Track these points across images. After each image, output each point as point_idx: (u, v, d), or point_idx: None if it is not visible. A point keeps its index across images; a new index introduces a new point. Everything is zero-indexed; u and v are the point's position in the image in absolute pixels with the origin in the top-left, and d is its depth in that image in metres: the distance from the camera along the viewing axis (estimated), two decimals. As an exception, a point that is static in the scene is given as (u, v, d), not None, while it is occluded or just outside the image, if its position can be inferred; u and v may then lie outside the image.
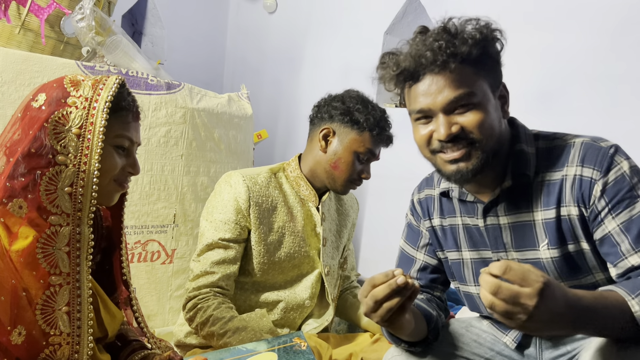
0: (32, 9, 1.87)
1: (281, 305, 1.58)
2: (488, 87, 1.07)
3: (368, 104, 1.58)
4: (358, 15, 3.04)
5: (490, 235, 1.18)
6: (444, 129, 1.05)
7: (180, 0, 3.39)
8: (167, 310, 2.16)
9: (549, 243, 1.10)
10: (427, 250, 1.33)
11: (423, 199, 1.34)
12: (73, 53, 2.07)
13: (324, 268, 1.61)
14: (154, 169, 2.07)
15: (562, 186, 1.09)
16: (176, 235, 2.17)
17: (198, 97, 2.21)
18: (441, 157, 1.10)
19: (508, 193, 1.14)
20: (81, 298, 1.03)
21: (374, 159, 1.61)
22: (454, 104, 1.04)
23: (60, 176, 1.00)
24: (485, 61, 1.06)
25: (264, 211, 1.54)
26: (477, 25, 1.06)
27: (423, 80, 1.06)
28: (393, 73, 1.09)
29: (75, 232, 1.02)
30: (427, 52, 1.03)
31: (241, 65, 3.70)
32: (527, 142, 1.14)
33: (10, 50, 1.76)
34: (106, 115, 1.03)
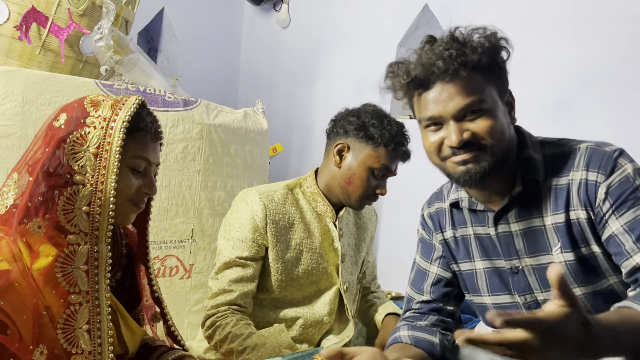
0: (52, 30, 1.90)
1: (300, 321, 1.58)
2: (496, 94, 1.09)
3: (384, 119, 1.56)
4: (371, 28, 3.05)
5: (502, 243, 1.18)
6: (455, 135, 1.06)
7: (194, 16, 3.44)
8: (185, 325, 2.17)
9: (562, 247, 1.11)
10: (441, 263, 1.33)
11: (434, 212, 1.34)
12: (92, 72, 2.10)
13: (342, 284, 1.61)
14: (171, 185, 2.09)
15: (569, 190, 1.10)
16: (194, 250, 2.18)
17: (214, 112, 2.23)
18: (451, 160, 1.11)
19: (518, 200, 1.14)
20: (101, 316, 1.03)
21: (389, 174, 1.60)
22: (464, 111, 1.06)
23: (78, 196, 1.01)
24: (493, 68, 1.08)
25: (281, 228, 1.54)
26: (484, 34, 1.08)
27: (433, 88, 1.07)
28: (403, 82, 1.10)
29: (93, 251, 1.02)
30: (439, 61, 1.04)
31: (255, 80, 3.73)
32: (534, 148, 1.16)
33: (31, 70, 1.80)
34: (123, 135, 1.03)
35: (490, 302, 1.24)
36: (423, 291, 1.34)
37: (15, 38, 1.86)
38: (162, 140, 1.18)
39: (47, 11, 1.88)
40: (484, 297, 1.25)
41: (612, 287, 1.11)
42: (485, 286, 1.24)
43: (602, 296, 1.11)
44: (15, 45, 1.88)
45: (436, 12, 2.74)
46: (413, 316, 1.33)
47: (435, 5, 2.74)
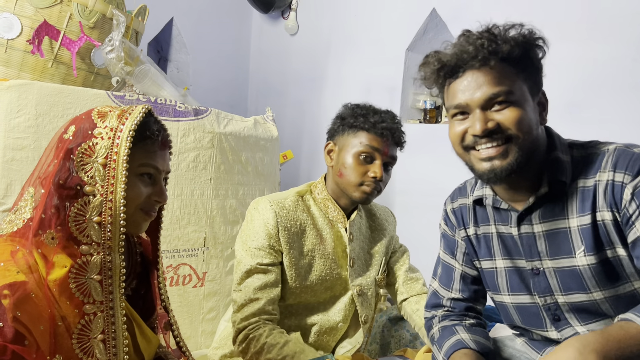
0: (64, 43, 1.93)
1: (315, 328, 1.58)
2: (527, 90, 1.08)
3: (358, 108, 1.57)
4: (379, 33, 3.06)
5: (524, 243, 1.16)
6: (479, 124, 1.06)
7: (203, 25, 3.46)
8: (199, 333, 2.17)
9: (585, 249, 1.09)
10: (465, 260, 1.32)
11: (457, 208, 1.32)
12: (103, 83, 2.13)
13: (353, 289, 1.60)
14: (183, 194, 2.11)
15: (595, 192, 1.08)
16: (207, 258, 2.19)
17: (225, 121, 2.25)
18: (475, 154, 1.10)
19: (543, 200, 1.13)
20: (116, 325, 1.04)
21: (380, 155, 1.53)
22: (491, 100, 1.06)
23: (89, 206, 1.01)
24: (525, 64, 1.08)
25: (293, 235, 1.54)
26: (520, 30, 1.08)
27: (463, 77, 1.08)
28: (434, 67, 1.11)
29: (106, 261, 1.03)
30: (470, 47, 1.05)
31: (265, 87, 3.75)
32: (562, 150, 1.14)
33: (44, 83, 1.82)
34: (129, 143, 1.03)
35: (509, 301, 1.23)
36: (452, 288, 1.33)
37: (28, 52, 1.89)
38: (171, 148, 1.18)
39: (59, 24, 1.91)
40: (503, 295, 1.24)
41: (636, 292, 1.09)
42: (506, 285, 1.23)
43: (624, 300, 1.09)
44: (28, 59, 1.91)
45: (444, 16, 2.74)
46: (450, 315, 1.33)
47: (444, 9, 2.74)
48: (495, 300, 1.29)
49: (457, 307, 1.33)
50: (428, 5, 2.81)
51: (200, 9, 3.43)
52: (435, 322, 1.34)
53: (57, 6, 1.89)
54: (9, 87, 1.74)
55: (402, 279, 1.74)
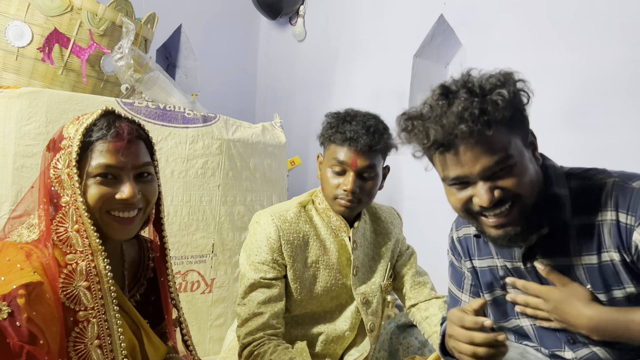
0: (74, 51, 1.95)
1: (322, 337, 1.57)
2: (521, 142, 1.04)
3: (333, 117, 1.54)
4: (387, 39, 3.06)
5: (533, 277, 1.15)
6: (487, 196, 1.01)
7: (212, 32, 3.48)
8: (207, 339, 2.18)
9: (591, 288, 1.07)
10: (472, 292, 1.30)
11: (462, 237, 1.30)
12: (112, 90, 2.14)
13: (357, 297, 1.58)
14: (192, 200, 2.11)
15: (600, 231, 1.06)
16: (215, 265, 2.19)
17: (233, 128, 2.25)
18: (484, 221, 1.06)
19: (546, 238, 1.11)
20: (111, 330, 1.04)
21: (349, 167, 1.47)
22: (492, 169, 1.00)
23: (67, 217, 1.04)
24: (515, 117, 1.02)
25: (296, 248, 1.52)
26: (501, 81, 1.00)
27: (456, 149, 1.01)
28: (424, 145, 1.03)
29: (91, 267, 1.04)
30: (462, 125, 0.97)
31: (273, 93, 3.76)
32: (558, 184, 1.11)
33: (54, 90, 1.84)
34: (77, 149, 1.03)
35: (528, 323, 1.22)
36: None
37: (38, 59, 1.91)
38: (130, 139, 1.09)
39: (69, 32, 1.92)
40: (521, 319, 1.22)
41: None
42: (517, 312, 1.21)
43: None
44: (39, 67, 1.93)
45: (452, 22, 2.74)
46: None
47: (451, 15, 2.74)
48: (506, 327, 1.26)
49: None
50: (435, 12, 2.81)
51: (209, 16, 3.45)
52: None
53: (67, 14, 1.91)
54: (20, 95, 1.75)
55: (409, 284, 1.72)
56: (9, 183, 1.74)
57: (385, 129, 1.51)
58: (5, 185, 1.74)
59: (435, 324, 1.64)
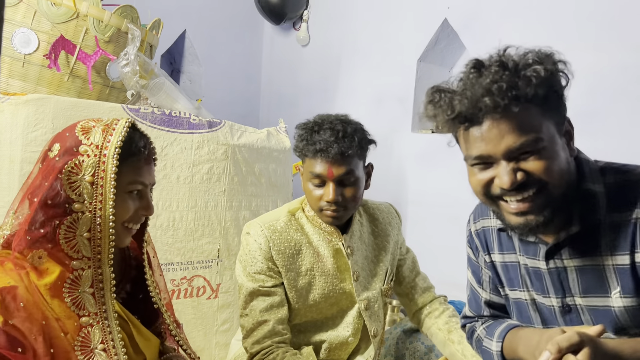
0: (80, 57, 1.96)
1: (325, 345, 1.56)
2: (554, 127, 0.97)
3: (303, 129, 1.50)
4: (390, 43, 3.07)
5: (554, 279, 1.08)
6: (508, 177, 0.95)
7: (216, 37, 3.49)
8: (213, 345, 2.17)
9: (621, 291, 1.01)
10: (492, 288, 1.26)
11: (480, 230, 1.24)
12: (118, 96, 2.15)
13: (360, 303, 1.56)
14: (197, 206, 2.12)
15: (635, 230, 0.99)
16: (221, 270, 2.19)
17: (238, 133, 2.26)
18: (504, 206, 1.00)
19: (575, 236, 1.04)
20: (112, 334, 1.07)
21: (327, 178, 1.44)
22: (518, 150, 0.94)
23: (78, 223, 1.04)
24: (550, 99, 0.96)
25: (288, 257, 1.51)
26: (538, 58, 0.95)
27: (482, 124, 0.95)
28: (447, 117, 0.98)
29: (97, 274, 1.06)
30: (487, 98, 0.92)
31: (277, 98, 3.77)
32: (593, 179, 1.04)
33: (60, 97, 1.84)
34: (116, 162, 1.05)
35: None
36: (482, 315, 1.31)
37: (44, 66, 1.92)
38: (156, 159, 1.20)
39: (75, 39, 1.93)
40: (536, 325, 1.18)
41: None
42: (539, 318, 1.16)
43: None
44: (45, 73, 1.93)
45: (456, 26, 2.74)
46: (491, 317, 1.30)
47: (455, 19, 2.75)
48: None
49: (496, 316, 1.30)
50: (439, 16, 2.81)
51: (213, 21, 3.46)
52: (477, 327, 1.29)
53: (73, 21, 1.92)
54: (26, 102, 1.76)
55: (412, 289, 1.71)
56: (17, 190, 1.73)
57: (356, 130, 1.46)
58: (13, 192, 1.74)
59: (436, 316, 1.65)
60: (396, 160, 3.03)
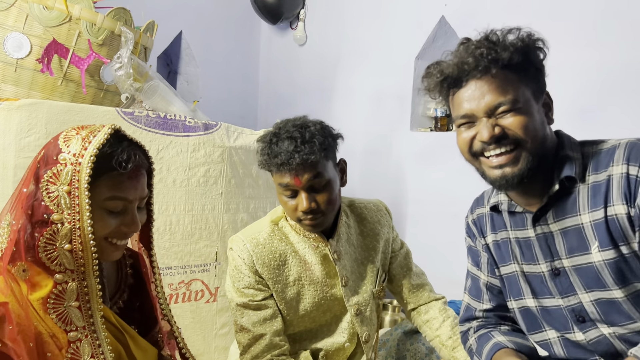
0: (73, 61, 1.94)
1: (321, 353, 1.53)
2: (531, 94, 1.09)
3: (263, 142, 1.45)
4: (388, 41, 3.05)
5: (542, 244, 1.16)
6: (486, 130, 1.07)
7: (212, 38, 3.47)
8: (212, 349, 2.16)
9: (599, 245, 1.07)
10: (490, 270, 1.32)
11: (476, 218, 1.34)
12: (113, 100, 2.13)
13: (350, 309, 1.53)
14: (194, 209, 2.10)
15: (608, 185, 1.07)
16: (219, 273, 2.18)
17: (235, 135, 2.24)
18: (485, 162, 1.12)
19: (556, 199, 1.13)
20: (102, 347, 1.03)
21: (297, 188, 1.40)
22: (496, 108, 1.07)
23: (58, 234, 0.99)
24: (527, 68, 1.09)
25: (273, 269, 1.48)
26: (519, 34, 1.09)
27: (466, 86, 1.10)
28: (437, 80, 1.13)
29: (83, 286, 1.01)
30: (469, 58, 1.07)
31: (274, 98, 3.75)
32: (571, 148, 1.14)
33: (54, 102, 1.82)
34: (89, 171, 0.99)
35: (533, 304, 1.22)
36: (482, 299, 1.34)
37: (37, 70, 1.90)
38: (151, 169, 1.12)
39: (68, 43, 1.91)
40: (527, 299, 1.23)
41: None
42: (529, 288, 1.22)
43: None
44: (38, 78, 1.92)
45: (453, 23, 2.73)
46: (485, 325, 1.33)
47: (452, 17, 2.73)
48: (516, 308, 1.26)
49: (491, 317, 1.34)
50: (437, 13, 2.79)
51: (209, 22, 3.44)
52: (470, 334, 1.34)
53: (65, 24, 1.90)
54: (19, 107, 1.74)
55: (407, 287, 1.66)
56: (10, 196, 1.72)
57: (315, 133, 1.39)
58: (6, 199, 1.71)
59: (437, 327, 1.60)
60: (395, 159, 3.01)
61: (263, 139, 1.44)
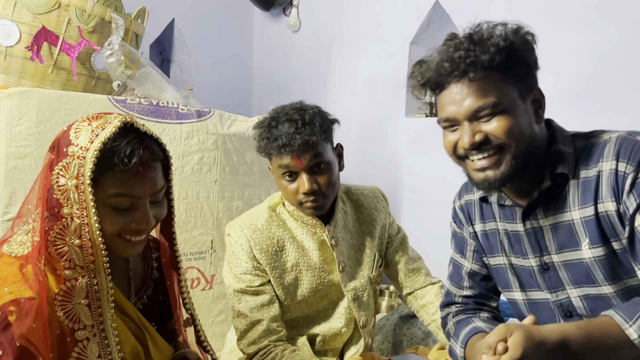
0: (63, 48, 1.91)
1: (319, 337, 1.54)
2: (517, 94, 1.05)
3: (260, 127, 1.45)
4: (382, 27, 3.02)
5: (531, 239, 1.15)
6: (467, 137, 1.05)
7: (205, 25, 3.44)
8: (209, 336, 2.16)
9: (590, 242, 1.06)
10: (475, 258, 1.31)
11: (464, 204, 1.32)
12: (104, 88, 2.11)
13: (347, 294, 1.53)
14: (189, 197, 2.09)
15: (598, 182, 1.06)
16: (214, 261, 2.17)
17: (228, 122, 2.22)
18: (469, 164, 1.10)
19: (547, 194, 1.11)
20: (110, 347, 1.00)
21: (297, 169, 1.41)
22: (477, 112, 1.04)
23: (69, 229, 0.96)
24: (513, 67, 1.04)
25: (271, 255, 1.47)
26: (504, 31, 1.04)
27: (448, 89, 1.07)
28: (418, 83, 1.11)
29: (93, 284, 0.98)
30: (446, 63, 1.04)
31: (268, 85, 3.72)
32: (563, 142, 1.12)
33: (44, 90, 1.81)
34: (92, 166, 0.95)
35: (520, 298, 1.21)
36: (462, 286, 1.33)
37: (27, 58, 1.88)
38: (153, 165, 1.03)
39: (58, 30, 1.89)
40: (514, 292, 1.23)
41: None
42: (516, 282, 1.21)
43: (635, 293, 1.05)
44: (28, 66, 1.89)
45: (448, 8, 2.70)
46: (464, 310, 1.32)
47: (447, 1, 2.70)
48: (506, 297, 1.27)
49: (470, 304, 1.33)
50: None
51: (201, 9, 3.41)
52: (449, 318, 1.32)
53: (55, 11, 1.87)
54: (9, 95, 1.72)
55: (403, 272, 1.66)
56: (2, 185, 1.71)
57: (314, 114, 1.41)
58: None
59: (434, 312, 1.59)
60: (390, 145, 3.00)
61: (261, 124, 1.44)
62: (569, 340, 0.90)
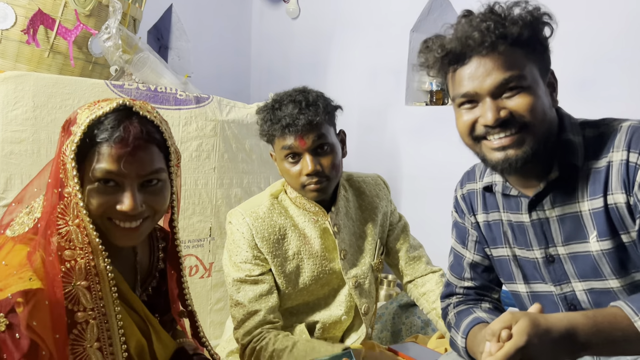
0: (60, 32, 1.88)
1: (318, 325, 1.53)
2: (537, 72, 1.02)
3: (263, 111, 1.45)
4: (382, 14, 3.00)
5: (537, 230, 1.11)
6: (491, 113, 0.99)
7: (203, 11, 3.41)
8: (208, 324, 2.15)
9: (598, 235, 1.03)
10: (477, 248, 1.27)
11: (466, 194, 1.28)
12: (102, 72, 2.08)
13: (348, 282, 1.53)
14: (187, 184, 2.07)
15: (608, 173, 1.02)
16: (213, 249, 2.16)
17: (227, 108, 2.20)
18: (486, 144, 1.04)
19: (554, 185, 1.07)
20: (111, 332, 0.99)
21: (300, 150, 1.40)
22: (502, 87, 0.99)
23: (69, 209, 0.95)
24: (535, 45, 1.02)
25: (273, 243, 1.46)
26: (526, 8, 1.01)
27: (469, 63, 1.01)
28: (438, 55, 1.04)
29: (90, 266, 0.97)
30: (475, 33, 0.98)
31: (267, 73, 3.70)
32: (573, 131, 1.08)
33: (40, 74, 1.78)
34: (78, 141, 0.93)
35: (524, 290, 1.19)
36: (463, 278, 1.30)
37: (23, 42, 1.85)
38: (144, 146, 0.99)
39: (54, 13, 1.86)
40: (518, 284, 1.20)
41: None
42: (520, 273, 1.18)
43: None
44: (24, 49, 1.86)
45: (449, -6, 2.68)
46: (465, 300, 1.29)
47: (448, -13, 2.68)
48: (509, 289, 1.24)
49: (471, 294, 1.30)
50: (432, -16, 2.74)
51: (200, -5, 3.38)
52: (450, 309, 1.30)
53: (51, -6, 1.84)
54: (5, 79, 1.70)
55: (404, 260, 1.65)
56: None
57: (318, 96, 1.43)
58: (-6, 173, 1.69)
59: (434, 300, 1.58)
60: (390, 133, 2.99)
61: (263, 108, 1.44)
62: (576, 329, 0.87)
